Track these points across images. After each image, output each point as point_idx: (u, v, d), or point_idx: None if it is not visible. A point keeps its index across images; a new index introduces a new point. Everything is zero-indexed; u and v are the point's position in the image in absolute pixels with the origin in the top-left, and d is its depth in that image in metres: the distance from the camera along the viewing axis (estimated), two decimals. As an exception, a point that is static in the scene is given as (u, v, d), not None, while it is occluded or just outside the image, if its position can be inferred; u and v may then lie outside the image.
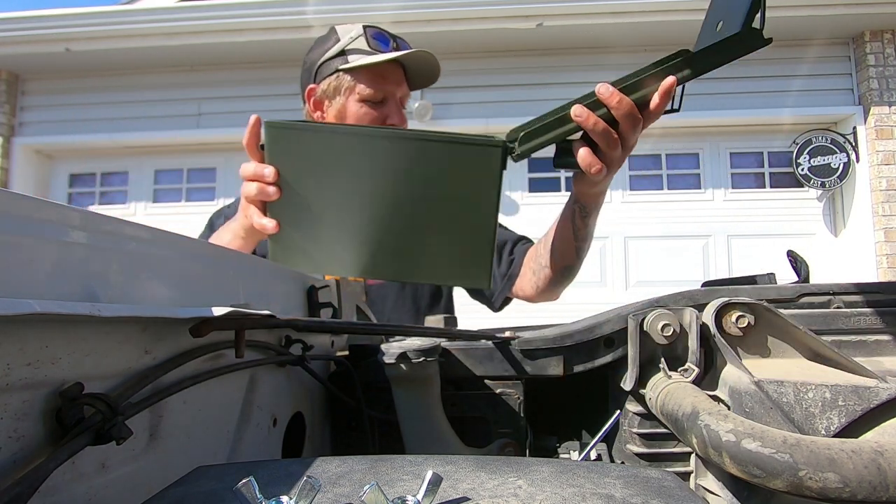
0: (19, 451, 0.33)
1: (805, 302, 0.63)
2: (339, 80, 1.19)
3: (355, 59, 1.17)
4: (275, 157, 0.75)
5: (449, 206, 0.73)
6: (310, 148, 0.74)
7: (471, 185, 0.72)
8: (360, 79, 1.18)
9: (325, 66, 1.21)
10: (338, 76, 1.19)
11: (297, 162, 0.74)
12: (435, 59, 1.21)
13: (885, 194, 3.89)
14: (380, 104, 1.20)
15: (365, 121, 1.19)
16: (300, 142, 0.74)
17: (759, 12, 0.64)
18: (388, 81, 1.20)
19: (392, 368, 0.66)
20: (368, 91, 1.18)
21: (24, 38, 4.13)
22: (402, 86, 1.23)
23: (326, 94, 1.22)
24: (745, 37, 0.67)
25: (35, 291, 0.35)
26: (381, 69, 1.18)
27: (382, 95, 1.20)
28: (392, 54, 1.17)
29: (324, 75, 1.21)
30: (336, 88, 1.20)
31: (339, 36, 1.21)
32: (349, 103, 1.20)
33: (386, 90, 1.20)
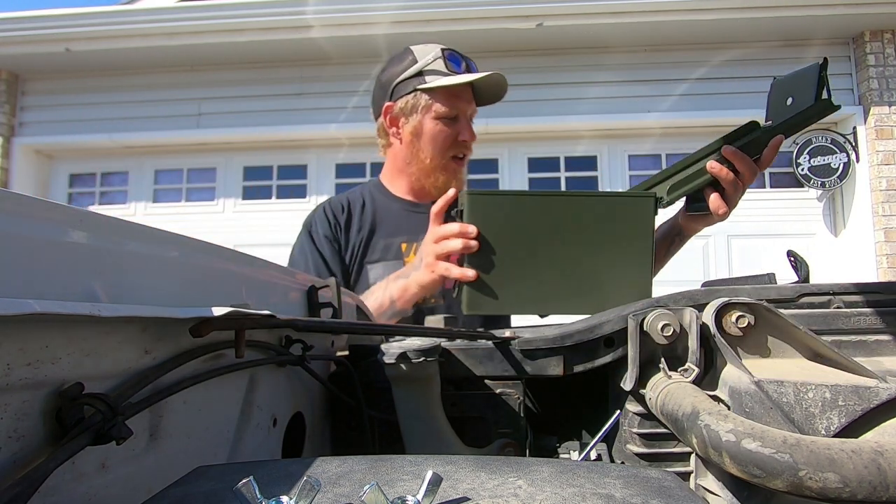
0: (19, 451, 0.33)
1: (805, 302, 0.63)
2: (416, 99, 1.31)
3: (433, 80, 1.29)
4: (472, 218, 0.90)
5: (613, 246, 0.89)
6: (500, 209, 0.89)
7: (629, 228, 0.89)
8: (437, 98, 1.29)
9: (403, 85, 1.32)
10: (415, 95, 1.30)
11: (489, 220, 0.90)
12: (504, 79, 1.33)
13: (885, 194, 3.89)
14: (453, 121, 1.31)
15: (440, 137, 1.31)
16: (492, 204, 0.90)
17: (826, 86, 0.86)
18: (461, 100, 1.31)
19: (392, 368, 0.66)
20: (444, 109, 1.29)
21: (24, 38, 4.13)
22: (472, 104, 1.34)
23: (403, 112, 1.33)
24: (819, 106, 0.87)
25: (35, 291, 0.35)
26: (456, 89, 1.29)
27: (456, 113, 1.31)
28: (469, 76, 1.28)
29: (401, 94, 1.32)
30: (413, 106, 1.31)
31: (417, 57, 1.32)
32: (425, 120, 1.31)
33: (459, 108, 1.31)
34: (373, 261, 1.34)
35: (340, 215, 1.39)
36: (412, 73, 1.30)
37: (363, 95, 4.30)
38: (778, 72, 3.71)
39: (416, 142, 1.33)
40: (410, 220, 1.37)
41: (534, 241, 0.88)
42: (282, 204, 4.47)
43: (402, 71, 1.32)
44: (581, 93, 4.24)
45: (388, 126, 1.37)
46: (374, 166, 4.47)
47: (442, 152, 1.33)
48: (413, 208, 1.39)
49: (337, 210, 1.40)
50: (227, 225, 4.46)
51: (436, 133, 1.31)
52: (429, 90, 1.29)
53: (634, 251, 0.88)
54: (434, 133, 1.31)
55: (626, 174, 4.39)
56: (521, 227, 0.89)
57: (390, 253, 1.34)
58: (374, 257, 1.34)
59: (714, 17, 3.88)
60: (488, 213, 0.89)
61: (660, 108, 4.21)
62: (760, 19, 3.90)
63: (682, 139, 4.32)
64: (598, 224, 0.89)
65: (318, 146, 4.48)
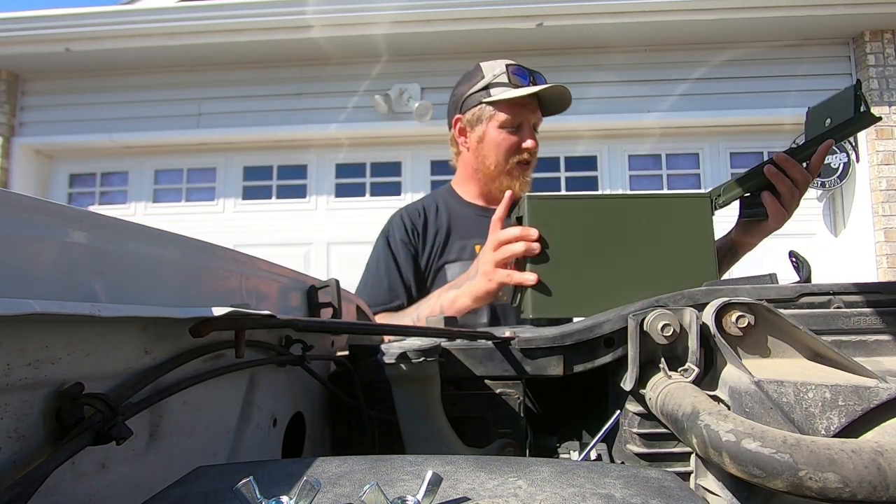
0: (19, 451, 0.33)
1: (805, 302, 0.63)
2: (481, 111, 1.41)
3: (497, 93, 1.38)
4: (533, 223, 0.92)
5: (674, 245, 0.91)
6: (560, 213, 0.92)
7: (687, 228, 0.91)
8: (500, 108, 1.39)
9: (471, 98, 1.43)
10: (481, 107, 1.41)
11: (550, 225, 0.92)
12: (567, 91, 1.40)
13: (885, 194, 3.89)
14: (516, 129, 1.40)
15: (503, 144, 1.40)
16: (553, 209, 0.92)
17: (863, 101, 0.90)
18: (524, 110, 1.39)
19: (392, 368, 0.66)
20: (506, 118, 1.38)
21: (24, 38, 4.13)
22: (536, 113, 1.42)
23: (470, 122, 1.44)
24: (860, 118, 0.91)
25: (35, 291, 0.35)
26: (518, 100, 1.37)
27: (519, 122, 1.39)
28: (529, 89, 1.36)
29: (469, 106, 1.43)
30: (479, 117, 1.42)
31: (484, 73, 1.42)
32: (489, 129, 1.41)
33: (522, 117, 1.39)
34: (450, 261, 1.44)
35: (417, 220, 1.50)
36: (479, 88, 1.41)
37: (363, 95, 4.30)
38: (778, 71, 3.75)
39: (482, 149, 1.43)
40: (482, 223, 1.43)
41: (595, 243, 0.91)
42: (282, 204, 4.47)
43: (472, 86, 1.43)
44: (581, 93, 4.23)
45: (457, 136, 1.49)
46: (374, 166, 4.48)
47: (506, 158, 1.41)
48: (483, 213, 1.48)
49: (414, 216, 1.51)
50: (227, 225, 4.46)
51: (499, 140, 1.40)
52: (493, 102, 1.38)
53: (695, 249, 0.91)
54: (498, 140, 1.40)
55: (626, 174, 4.39)
56: (582, 230, 0.91)
57: (466, 253, 1.44)
58: (452, 257, 1.45)
59: (714, 17, 3.88)
60: (549, 218, 0.92)
61: (660, 108, 4.21)
62: (760, 19, 3.90)
63: (682, 139, 4.32)
64: (656, 224, 0.91)
65: (318, 146, 4.48)
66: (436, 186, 4.34)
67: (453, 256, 1.44)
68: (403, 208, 1.55)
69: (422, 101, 4.14)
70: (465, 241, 1.45)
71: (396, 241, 1.46)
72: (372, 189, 4.45)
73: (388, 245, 1.47)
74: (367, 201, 4.43)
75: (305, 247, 4.31)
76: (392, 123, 4.29)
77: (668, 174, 4.42)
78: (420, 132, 4.29)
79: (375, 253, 1.50)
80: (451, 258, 1.44)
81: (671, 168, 4.41)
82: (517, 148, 1.40)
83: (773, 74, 4.16)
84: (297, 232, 4.34)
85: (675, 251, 0.91)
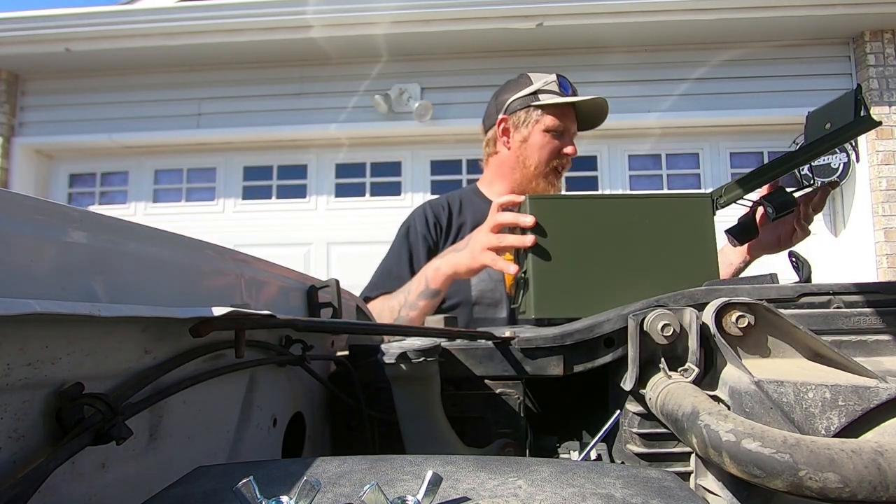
0: (19, 451, 0.33)
1: (805, 302, 0.63)
2: (528, 114, 1.47)
3: (546, 99, 1.45)
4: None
5: (675, 245, 0.92)
6: (562, 212, 0.92)
7: (689, 228, 0.92)
8: (547, 112, 1.45)
9: (517, 101, 1.48)
10: (528, 110, 1.47)
11: (552, 224, 0.92)
12: (605, 104, 1.48)
13: (885, 194, 3.89)
14: (559, 134, 1.46)
15: (547, 147, 1.46)
16: (554, 208, 0.93)
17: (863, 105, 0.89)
18: (567, 118, 1.46)
19: (392, 368, 0.66)
20: (552, 123, 1.45)
21: (24, 38, 4.13)
22: (575, 124, 1.49)
23: (515, 124, 1.49)
24: (860, 122, 0.90)
25: (35, 291, 0.35)
26: (564, 108, 1.45)
27: (563, 128, 1.46)
28: (578, 98, 1.44)
29: (515, 109, 1.49)
30: (525, 120, 1.48)
31: (532, 80, 1.49)
32: (534, 131, 1.47)
33: (566, 124, 1.46)
34: None
35: (441, 214, 1.55)
36: (528, 93, 1.47)
37: (363, 95, 4.30)
38: (778, 71, 3.75)
39: (525, 149, 1.49)
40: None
41: (596, 243, 0.91)
42: (282, 204, 4.46)
43: (518, 91, 1.49)
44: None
45: (500, 135, 1.53)
46: (374, 166, 4.47)
47: (546, 161, 1.47)
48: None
49: (438, 210, 1.56)
50: (227, 225, 4.46)
51: (543, 143, 1.46)
52: (541, 106, 1.45)
53: (696, 249, 0.91)
54: (542, 143, 1.46)
55: (626, 174, 4.38)
56: (584, 230, 0.92)
57: None
58: None
59: (714, 17, 3.88)
60: (551, 217, 0.92)
61: (660, 108, 4.21)
62: (760, 19, 3.90)
63: (682, 139, 4.32)
64: (657, 224, 0.92)
65: (318, 146, 4.48)
66: (436, 186, 4.35)
67: None
68: (428, 202, 1.61)
69: (422, 101, 4.14)
70: None
71: (416, 233, 1.52)
72: (372, 189, 4.45)
73: (407, 236, 1.52)
74: (367, 201, 4.43)
75: (305, 247, 4.31)
76: (392, 123, 4.29)
77: (668, 174, 4.41)
78: (420, 132, 4.29)
79: (394, 243, 1.55)
80: None
81: (671, 168, 4.41)
82: (558, 152, 1.46)
83: (773, 74, 4.16)
84: (297, 232, 4.34)
85: (677, 251, 0.91)
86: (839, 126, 0.94)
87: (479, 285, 1.45)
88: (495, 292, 1.45)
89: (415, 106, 4.10)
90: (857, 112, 0.91)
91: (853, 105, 0.91)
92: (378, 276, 1.50)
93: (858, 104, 0.91)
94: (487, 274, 1.44)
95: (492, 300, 1.45)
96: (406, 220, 1.57)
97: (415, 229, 1.52)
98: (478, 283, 1.45)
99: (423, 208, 1.57)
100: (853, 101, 0.91)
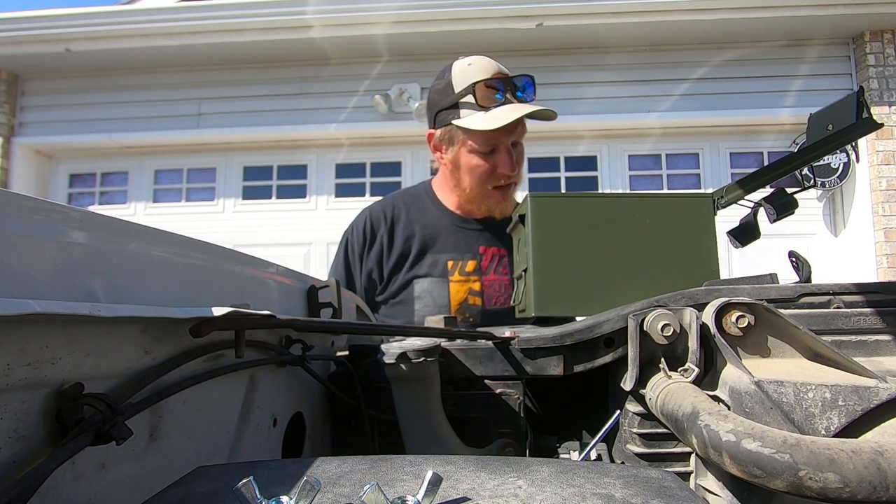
0: (19, 451, 0.33)
1: (805, 302, 0.63)
2: (452, 132, 1.30)
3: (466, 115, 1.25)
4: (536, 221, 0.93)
5: (677, 245, 0.92)
6: (563, 211, 0.92)
7: (690, 227, 0.92)
8: (469, 135, 1.28)
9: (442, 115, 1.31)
10: (451, 128, 1.29)
11: (553, 222, 0.92)
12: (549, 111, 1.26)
13: (885, 194, 3.89)
14: (490, 154, 1.29)
15: (477, 171, 1.30)
16: (556, 207, 0.93)
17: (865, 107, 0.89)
18: (497, 133, 1.24)
19: (392, 368, 0.66)
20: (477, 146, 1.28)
21: (24, 38, 4.13)
22: (511, 134, 1.28)
23: (443, 141, 1.34)
24: (862, 124, 0.89)
25: (35, 291, 0.35)
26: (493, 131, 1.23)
27: (492, 147, 1.28)
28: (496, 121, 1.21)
29: (441, 123, 1.32)
30: (450, 139, 1.31)
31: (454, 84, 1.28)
32: (462, 153, 1.31)
33: (495, 141, 1.27)
34: (420, 275, 1.38)
35: (383, 225, 1.42)
36: (449, 105, 1.29)
37: (363, 95, 4.30)
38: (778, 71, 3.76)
39: (457, 171, 1.35)
40: (458, 235, 1.40)
41: (597, 242, 0.91)
42: (282, 204, 4.47)
43: (442, 99, 1.32)
44: (581, 93, 4.24)
45: (432, 151, 1.41)
46: (374, 166, 4.47)
47: (480, 184, 1.33)
48: (461, 224, 1.41)
49: (378, 221, 1.43)
50: (227, 225, 4.46)
51: (472, 166, 1.31)
52: (462, 128, 1.28)
53: (697, 249, 0.92)
54: (471, 166, 1.31)
55: (626, 174, 4.38)
56: (585, 229, 0.92)
57: (436, 269, 1.37)
58: (422, 272, 1.38)
59: (714, 17, 3.88)
60: (552, 216, 0.92)
61: (660, 108, 4.21)
62: (760, 19, 3.90)
63: (682, 139, 4.32)
64: (658, 224, 0.92)
65: (318, 146, 4.48)
66: (436, 186, 4.34)
67: (424, 271, 1.37)
68: (370, 208, 1.47)
69: (422, 101, 4.14)
70: (438, 256, 1.38)
71: (354, 251, 1.43)
72: (372, 189, 4.45)
73: (346, 254, 1.44)
74: (367, 201, 4.41)
75: (305, 247, 4.31)
76: (392, 123, 4.29)
77: (668, 174, 4.41)
78: (420, 132, 4.27)
79: (337, 253, 1.48)
80: (422, 273, 1.37)
81: (671, 168, 4.41)
82: (491, 173, 1.30)
83: (774, 74, 4.16)
84: (297, 232, 4.34)
85: (678, 251, 0.91)
86: (841, 128, 0.94)
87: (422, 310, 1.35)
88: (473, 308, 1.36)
89: (415, 106, 4.10)
90: (859, 114, 0.91)
91: (855, 107, 0.91)
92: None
93: (860, 106, 0.91)
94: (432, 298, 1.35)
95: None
96: (346, 231, 1.47)
97: (352, 248, 1.43)
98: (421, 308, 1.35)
99: (364, 218, 1.44)
100: (855, 103, 0.91)
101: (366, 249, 1.42)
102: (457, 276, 1.36)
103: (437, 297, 1.34)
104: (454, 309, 1.34)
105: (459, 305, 1.35)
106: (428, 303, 1.34)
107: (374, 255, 1.41)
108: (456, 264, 1.37)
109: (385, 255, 1.40)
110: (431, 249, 1.39)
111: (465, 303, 1.34)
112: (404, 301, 1.36)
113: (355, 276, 1.43)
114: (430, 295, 1.35)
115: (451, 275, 1.36)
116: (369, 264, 1.41)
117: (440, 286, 1.34)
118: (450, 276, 1.36)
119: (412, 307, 1.35)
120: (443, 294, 1.35)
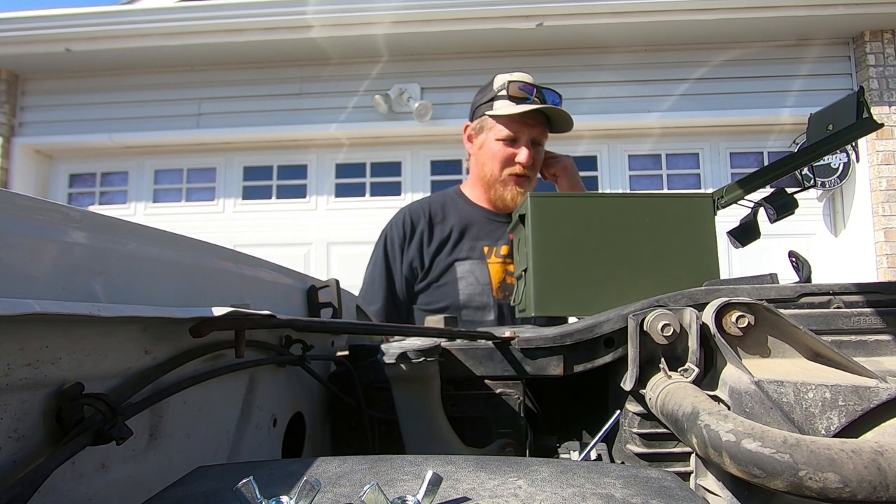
0: (19, 451, 0.33)
1: (805, 302, 0.63)
2: (483, 122, 1.51)
3: (499, 106, 1.46)
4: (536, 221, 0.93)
5: (677, 245, 0.92)
6: (563, 211, 0.93)
7: (690, 227, 0.93)
8: (498, 121, 1.47)
9: (479, 108, 1.53)
10: (483, 118, 1.50)
11: (554, 222, 0.93)
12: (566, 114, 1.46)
13: (885, 194, 3.89)
14: (512, 142, 1.47)
15: (498, 155, 1.48)
16: (556, 207, 0.94)
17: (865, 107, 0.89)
18: (521, 125, 1.46)
19: (392, 368, 0.66)
20: (502, 131, 1.47)
21: (24, 38, 4.12)
22: (536, 128, 1.48)
23: (476, 131, 1.55)
24: (861, 124, 0.90)
25: (35, 291, 0.35)
26: (515, 116, 1.44)
27: (514, 136, 1.47)
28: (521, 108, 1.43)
29: (476, 116, 1.54)
30: (481, 127, 1.52)
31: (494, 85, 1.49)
32: (488, 139, 1.50)
33: (518, 132, 1.46)
34: (461, 258, 1.53)
35: (422, 219, 1.57)
36: (486, 99, 1.50)
37: (363, 95, 4.30)
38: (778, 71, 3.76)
39: (481, 156, 1.53)
40: (490, 226, 1.56)
41: (597, 242, 0.92)
42: (282, 204, 4.46)
43: (481, 97, 1.53)
44: (581, 93, 4.24)
45: (466, 142, 1.60)
46: (374, 166, 4.47)
47: (499, 168, 1.49)
48: (492, 217, 1.57)
49: (417, 216, 1.58)
50: (227, 225, 4.46)
51: (495, 152, 1.49)
52: (492, 116, 1.47)
53: (697, 249, 0.92)
54: (494, 151, 1.49)
55: (626, 174, 4.38)
56: (585, 229, 0.92)
57: (475, 252, 1.53)
58: (462, 255, 1.53)
59: (714, 17, 3.88)
60: (552, 216, 0.93)
61: (660, 108, 4.21)
62: (760, 19, 3.90)
63: (682, 139, 4.32)
64: (658, 224, 0.92)
65: (318, 146, 4.48)
66: (436, 186, 4.34)
67: (464, 254, 1.52)
68: (407, 207, 1.62)
69: (422, 101, 4.14)
70: (475, 242, 1.53)
71: (394, 244, 1.55)
72: (372, 189, 4.45)
73: (385, 249, 1.56)
74: (367, 201, 4.43)
75: (305, 247, 4.31)
76: (392, 123, 4.29)
77: (668, 174, 4.41)
78: (420, 132, 4.29)
79: (374, 252, 1.58)
80: (462, 255, 1.52)
81: (671, 168, 4.41)
82: (510, 160, 1.47)
83: (774, 74, 4.16)
84: (297, 232, 4.34)
85: (677, 251, 0.91)
86: (841, 128, 0.94)
87: (466, 289, 1.47)
88: (483, 296, 1.47)
89: (415, 106, 4.10)
90: (860, 114, 0.91)
91: (855, 107, 0.92)
92: (366, 287, 1.55)
93: (861, 106, 0.91)
94: (475, 278, 1.47)
95: (480, 304, 1.47)
96: (385, 229, 1.59)
97: (392, 241, 1.55)
98: (465, 287, 1.47)
99: (403, 215, 1.58)
100: (855, 103, 0.92)
101: (406, 242, 1.55)
102: (493, 259, 1.51)
103: (479, 277, 1.48)
104: (495, 287, 1.48)
105: (500, 284, 1.48)
106: (472, 282, 1.48)
107: (414, 246, 1.54)
108: (491, 249, 1.52)
109: (426, 244, 1.54)
110: (470, 237, 1.54)
111: (504, 282, 1.48)
112: (448, 283, 1.49)
113: (394, 270, 1.54)
114: (473, 275, 1.48)
115: (488, 258, 1.51)
116: (410, 255, 1.53)
117: (480, 267, 1.49)
118: (487, 259, 1.51)
119: (456, 287, 1.48)
120: (484, 273, 1.49)
